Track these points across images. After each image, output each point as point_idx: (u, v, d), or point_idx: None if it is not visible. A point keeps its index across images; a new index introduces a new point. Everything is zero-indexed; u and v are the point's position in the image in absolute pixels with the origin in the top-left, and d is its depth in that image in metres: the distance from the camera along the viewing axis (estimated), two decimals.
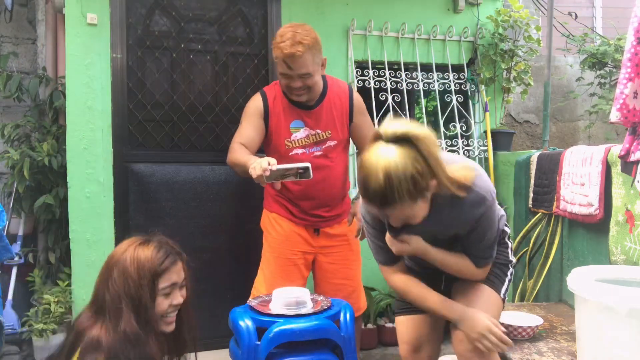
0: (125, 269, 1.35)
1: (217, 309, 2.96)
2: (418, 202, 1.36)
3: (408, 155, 1.30)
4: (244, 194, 3.00)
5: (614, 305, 1.43)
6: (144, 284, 1.35)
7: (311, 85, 2.12)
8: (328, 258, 2.30)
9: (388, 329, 3.07)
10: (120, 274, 1.34)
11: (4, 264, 2.89)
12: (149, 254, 1.37)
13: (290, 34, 2.03)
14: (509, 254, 1.73)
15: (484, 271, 1.64)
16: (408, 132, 1.31)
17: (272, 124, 2.19)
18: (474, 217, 1.48)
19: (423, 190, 1.34)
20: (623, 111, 1.71)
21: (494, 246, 1.61)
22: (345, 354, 1.73)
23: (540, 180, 2.65)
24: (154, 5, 2.92)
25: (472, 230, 1.52)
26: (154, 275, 1.37)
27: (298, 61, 2.03)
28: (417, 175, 1.30)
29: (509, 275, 1.72)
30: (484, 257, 1.60)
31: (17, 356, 2.85)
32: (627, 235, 1.98)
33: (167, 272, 1.40)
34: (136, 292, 1.34)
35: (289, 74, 2.07)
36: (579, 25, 4.16)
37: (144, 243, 1.40)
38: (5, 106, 3.28)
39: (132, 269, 1.35)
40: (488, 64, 3.39)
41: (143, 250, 1.38)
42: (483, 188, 1.47)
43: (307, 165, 1.80)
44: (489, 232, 1.55)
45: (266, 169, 1.76)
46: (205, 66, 3.02)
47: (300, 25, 2.09)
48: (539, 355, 1.80)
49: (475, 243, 1.57)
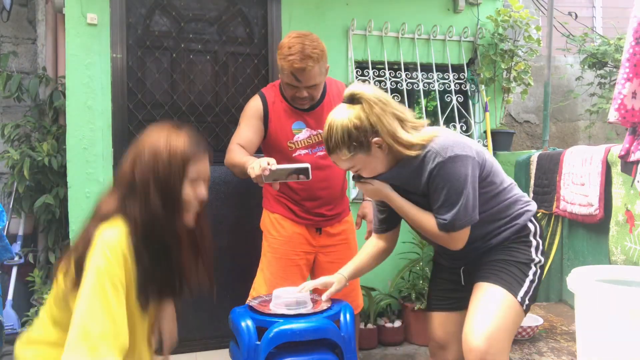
0: (158, 149, 1.34)
1: (217, 309, 2.96)
2: (358, 154, 1.53)
3: (352, 112, 1.52)
4: (244, 194, 3.00)
5: (614, 305, 1.43)
6: (174, 167, 1.35)
7: (316, 95, 2.13)
8: (328, 257, 2.30)
9: (388, 329, 3.07)
10: (152, 155, 1.34)
11: (4, 264, 2.89)
12: (182, 140, 1.38)
13: (299, 47, 2.00)
14: (531, 252, 1.63)
15: (450, 237, 1.57)
16: (355, 93, 1.53)
17: (272, 126, 2.18)
18: (426, 173, 1.53)
19: (359, 143, 1.51)
20: (621, 111, 1.71)
21: (459, 211, 1.52)
22: (345, 354, 1.72)
23: (540, 180, 2.65)
24: (154, 5, 2.92)
25: (430, 187, 1.54)
26: (184, 159, 1.36)
27: (307, 74, 2.02)
28: (353, 129, 1.50)
29: (531, 275, 1.61)
30: (444, 220, 1.54)
31: None
32: (627, 235, 1.98)
33: (197, 160, 1.39)
34: (165, 174, 1.34)
35: (296, 85, 2.07)
36: (579, 25, 4.16)
37: (178, 129, 1.41)
38: (5, 106, 3.28)
39: (165, 150, 1.34)
40: (488, 64, 3.40)
41: (177, 135, 1.38)
42: (438, 147, 1.52)
43: (307, 165, 1.79)
44: (445, 191, 1.51)
45: (265, 169, 1.76)
46: (205, 66, 3.02)
47: (307, 36, 2.07)
48: (539, 355, 1.80)
49: (434, 202, 1.55)
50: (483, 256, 1.67)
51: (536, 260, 1.63)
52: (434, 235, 1.59)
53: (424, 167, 1.53)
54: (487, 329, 1.50)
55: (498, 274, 1.60)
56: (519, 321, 1.59)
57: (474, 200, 1.54)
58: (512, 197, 1.66)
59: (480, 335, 1.50)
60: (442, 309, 1.81)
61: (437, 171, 1.50)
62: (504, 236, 1.64)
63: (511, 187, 1.68)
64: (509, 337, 1.54)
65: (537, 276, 1.62)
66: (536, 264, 1.63)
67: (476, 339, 1.50)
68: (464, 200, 1.51)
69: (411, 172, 1.56)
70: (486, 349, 1.48)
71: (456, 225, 1.53)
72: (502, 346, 1.51)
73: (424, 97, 3.39)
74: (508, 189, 1.66)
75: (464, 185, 1.51)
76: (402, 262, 3.18)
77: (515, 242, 1.64)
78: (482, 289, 1.60)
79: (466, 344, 1.52)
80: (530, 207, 1.67)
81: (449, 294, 1.80)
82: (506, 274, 1.59)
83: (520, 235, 1.64)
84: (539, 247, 1.65)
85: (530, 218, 1.66)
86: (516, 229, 1.63)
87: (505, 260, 1.62)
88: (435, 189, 1.53)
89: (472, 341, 1.50)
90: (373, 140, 1.52)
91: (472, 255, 1.68)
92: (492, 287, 1.58)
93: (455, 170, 1.50)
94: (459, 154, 1.50)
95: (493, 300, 1.55)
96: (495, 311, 1.53)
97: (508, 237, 1.64)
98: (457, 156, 1.50)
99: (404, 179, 1.59)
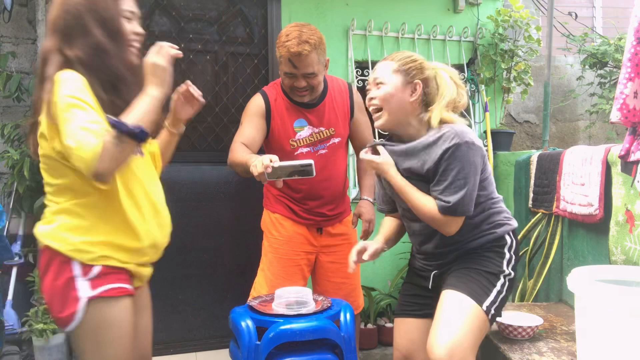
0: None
1: (217, 309, 2.96)
2: (398, 77, 1.62)
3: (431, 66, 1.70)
4: (244, 194, 3.00)
5: (614, 305, 1.43)
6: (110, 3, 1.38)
7: (315, 85, 2.11)
8: (329, 257, 2.30)
9: (388, 329, 3.07)
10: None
11: (4, 264, 2.89)
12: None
13: (296, 33, 2.01)
14: (502, 264, 1.66)
15: (446, 222, 1.58)
16: (436, 66, 1.71)
17: (274, 124, 2.18)
18: (440, 150, 1.56)
19: (408, 71, 1.63)
20: (623, 111, 1.70)
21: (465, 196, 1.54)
22: (345, 354, 1.73)
23: (540, 180, 2.65)
24: (154, 5, 2.92)
25: (439, 166, 1.57)
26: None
27: (304, 60, 2.02)
28: (417, 60, 1.66)
29: (499, 286, 1.63)
30: (447, 202, 1.55)
31: (17, 356, 2.84)
32: (627, 235, 1.98)
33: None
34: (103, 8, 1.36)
35: (294, 73, 2.06)
36: (579, 25, 4.16)
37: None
38: (5, 106, 3.27)
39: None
40: (488, 64, 3.39)
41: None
42: (457, 129, 1.57)
43: (310, 162, 1.76)
44: (455, 172, 1.55)
45: (268, 166, 1.74)
46: (205, 66, 3.02)
47: (305, 25, 2.08)
48: (539, 355, 1.80)
49: (440, 182, 1.58)
50: (456, 260, 1.69)
51: (506, 272, 1.66)
52: (431, 217, 1.61)
53: (438, 144, 1.57)
54: (450, 339, 1.51)
55: (466, 283, 1.62)
56: (484, 330, 1.60)
57: (474, 192, 1.58)
58: (497, 208, 1.71)
59: (443, 345, 1.50)
60: (407, 315, 1.81)
61: (452, 151, 1.54)
62: (480, 242, 1.67)
63: (499, 200, 1.74)
64: (472, 346, 1.55)
65: (505, 288, 1.65)
66: (505, 275, 1.65)
67: (440, 349, 1.50)
68: (469, 187, 1.55)
69: (423, 148, 1.61)
70: (449, 359, 1.48)
71: (457, 210, 1.56)
72: (465, 355, 1.51)
73: None
74: (496, 200, 1.72)
75: (474, 172, 1.56)
76: (402, 262, 3.18)
77: (489, 251, 1.67)
78: (448, 296, 1.61)
79: (430, 354, 1.53)
80: (511, 222, 1.72)
81: (416, 299, 1.82)
82: (473, 283, 1.61)
83: (495, 245, 1.67)
84: (511, 260, 1.68)
85: (509, 232, 1.70)
86: (493, 238, 1.67)
87: (475, 270, 1.64)
88: (446, 168, 1.55)
89: (435, 351, 1.51)
90: (418, 79, 1.62)
91: (449, 256, 1.70)
92: (458, 296, 1.59)
93: (469, 155, 1.55)
94: (476, 142, 1.57)
95: (458, 309, 1.56)
96: (459, 320, 1.54)
97: (484, 243, 1.67)
98: (474, 143, 1.56)
99: (414, 153, 1.62)
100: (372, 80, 1.67)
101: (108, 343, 1.36)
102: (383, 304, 3.16)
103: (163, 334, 2.95)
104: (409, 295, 1.85)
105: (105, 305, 1.35)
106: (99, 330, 1.35)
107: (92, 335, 1.35)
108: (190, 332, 3.02)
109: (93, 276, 1.35)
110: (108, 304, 1.35)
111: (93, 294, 1.34)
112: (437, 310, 1.61)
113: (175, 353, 2.98)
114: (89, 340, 1.36)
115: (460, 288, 1.60)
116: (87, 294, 1.34)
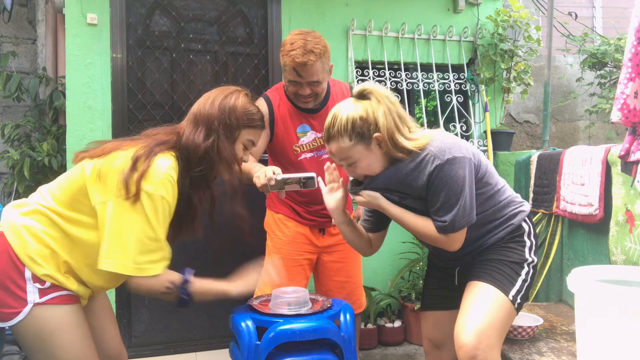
0: (234, 103, 1.54)
1: (217, 309, 2.96)
2: (358, 146, 1.54)
3: (359, 105, 1.55)
4: (247, 193, 2.99)
5: (614, 305, 1.43)
6: (241, 123, 1.54)
7: (319, 92, 2.12)
8: (331, 257, 2.30)
9: (388, 329, 3.07)
10: (226, 103, 1.53)
11: None
12: (253, 108, 1.58)
13: (301, 42, 2.00)
14: (524, 252, 1.64)
15: (449, 239, 1.57)
16: (366, 89, 1.56)
17: (278, 130, 2.18)
18: (425, 176, 1.54)
19: (362, 134, 1.53)
20: (624, 111, 1.71)
21: (458, 212, 1.53)
22: (345, 354, 1.72)
23: (540, 180, 2.65)
24: (154, 5, 2.92)
25: (429, 190, 1.55)
26: (249, 122, 1.56)
27: (309, 70, 2.02)
28: (359, 120, 1.53)
29: (524, 275, 1.62)
30: (443, 222, 1.54)
31: (17, 356, 2.84)
32: (627, 235, 1.98)
33: (255, 128, 1.59)
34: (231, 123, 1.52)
35: (298, 81, 2.06)
36: (579, 25, 4.16)
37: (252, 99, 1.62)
38: (5, 106, 3.28)
39: (239, 106, 1.54)
40: (488, 64, 3.40)
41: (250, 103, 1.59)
42: (436, 149, 1.53)
43: (312, 175, 1.78)
44: (444, 193, 1.52)
45: (271, 179, 1.76)
46: (205, 66, 3.02)
47: (310, 33, 2.07)
48: (539, 355, 1.80)
49: (433, 204, 1.56)
50: (477, 256, 1.68)
51: (529, 260, 1.65)
52: (432, 239, 1.60)
53: (422, 169, 1.54)
54: (477, 326, 1.51)
55: (490, 273, 1.61)
56: (510, 320, 1.60)
57: (472, 201, 1.55)
58: (507, 198, 1.68)
59: (470, 331, 1.51)
60: (436, 308, 1.82)
61: (436, 174, 1.51)
62: (499, 236, 1.65)
63: (505, 189, 1.70)
64: (499, 335, 1.55)
65: (530, 276, 1.64)
66: (529, 263, 1.64)
67: (466, 335, 1.51)
68: (462, 202, 1.52)
69: (407, 174, 1.57)
70: (476, 345, 1.49)
71: (455, 227, 1.54)
72: (492, 342, 1.51)
73: (424, 97, 3.39)
74: (502, 190, 1.69)
75: (462, 187, 1.52)
76: (402, 262, 3.18)
77: (510, 242, 1.65)
78: (474, 287, 1.61)
79: (457, 340, 1.54)
80: (524, 208, 1.69)
81: (443, 292, 1.82)
82: (499, 274, 1.61)
83: (514, 235, 1.66)
84: (532, 247, 1.67)
85: (525, 218, 1.68)
86: (511, 229, 1.65)
87: (499, 260, 1.64)
88: (435, 191, 1.53)
89: (463, 338, 1.51)
90: (375, 135, 1.53)
91: (467, 258, 1.69)
92: (484, 286, 1.59)
93: (453, 173, 1.51)
94: (457, 155, 1.51)
95: (484, 299, 1.57)
96: (486, 309, 1.54)
97: (503, 237, 1.65)
98: (455, 158, 1.51)
99: (400, 181, 1.58)
100: (343, 163, 1.62)
101: (60, 347, 1.36)
102: (383, 304, 3.16)
103: (163, 334, 2.96)
104: (433, 289, 1.85)
105: (53, 311, 1.35)
106: (47, 336, 1.35)
107: (40, 340, 1.35)
108: (190, 332, 3.02)
109: (43, 287, 1.35)
110: (55, 310, 1.36)
111: (40, 301, 1.34)
112: (464, 300, 1.61)
113: (175, 353, 2.97)
114: (38, 343, 1.36)
115: (485, 279, 1.61)
116: (35, 299, 1.34)
